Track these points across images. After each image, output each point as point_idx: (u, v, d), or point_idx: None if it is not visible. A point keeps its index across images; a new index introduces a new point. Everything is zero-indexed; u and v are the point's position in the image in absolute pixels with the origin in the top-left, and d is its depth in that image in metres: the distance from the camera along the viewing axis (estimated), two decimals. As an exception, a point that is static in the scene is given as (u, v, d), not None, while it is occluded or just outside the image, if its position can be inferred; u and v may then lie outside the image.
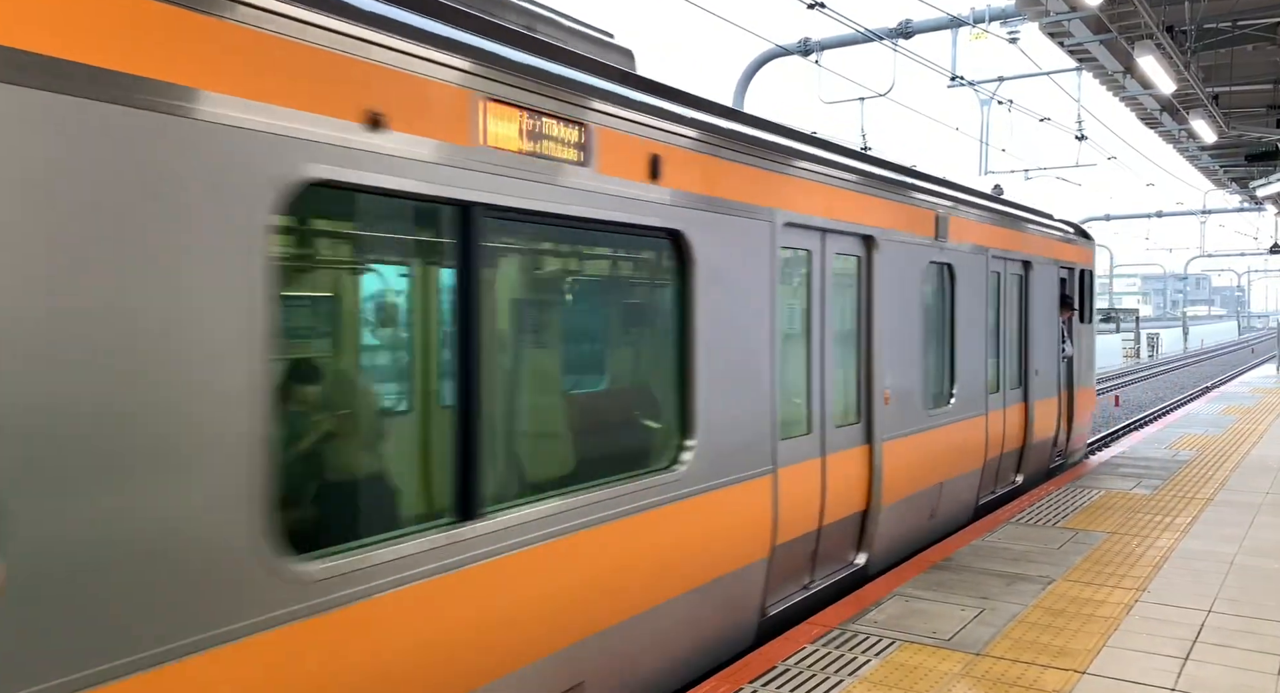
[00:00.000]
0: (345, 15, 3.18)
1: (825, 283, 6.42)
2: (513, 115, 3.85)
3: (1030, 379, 10.23)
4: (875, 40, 17.21)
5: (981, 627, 5.62)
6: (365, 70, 3.24)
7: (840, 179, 6.50)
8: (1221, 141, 20.48)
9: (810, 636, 5.47)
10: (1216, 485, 10.13)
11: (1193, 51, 13.74)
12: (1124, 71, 16.08)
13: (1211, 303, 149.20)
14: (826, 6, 13.57)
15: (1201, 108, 16.46)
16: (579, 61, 4.40)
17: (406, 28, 3.42)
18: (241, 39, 2.84)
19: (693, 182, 4.97)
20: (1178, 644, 5.35)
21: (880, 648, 5.27)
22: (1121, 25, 13.55)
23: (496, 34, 3.95)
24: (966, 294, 8.67)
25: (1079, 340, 12.01)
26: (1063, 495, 9.59)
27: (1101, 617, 5.79)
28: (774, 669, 4.96)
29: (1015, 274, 10.13)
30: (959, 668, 4.98)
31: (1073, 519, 8.49)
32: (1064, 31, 14.51)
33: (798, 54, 18.65)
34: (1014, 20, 17.21)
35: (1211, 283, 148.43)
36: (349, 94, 3.18)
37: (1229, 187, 33.59)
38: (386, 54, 3.31)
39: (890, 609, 5.94)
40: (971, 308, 8.81)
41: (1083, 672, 4.94)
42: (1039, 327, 10.50)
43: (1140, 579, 6.60)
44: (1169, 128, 20.60)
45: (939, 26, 17.86)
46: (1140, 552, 7.36)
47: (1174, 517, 8.60)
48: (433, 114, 3.49)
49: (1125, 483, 10.28)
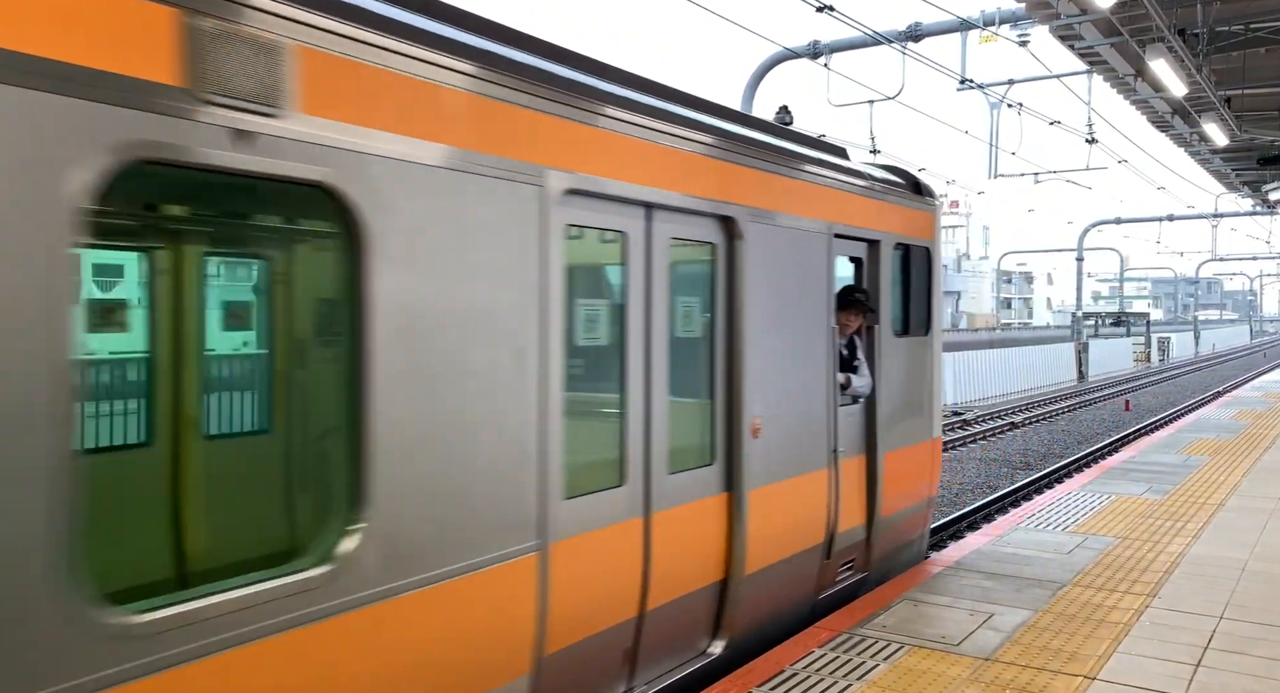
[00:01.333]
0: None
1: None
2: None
3: (741, 444, 5.33)
4: (884, 43, 17.19)
5: (990, 632, 5.59)
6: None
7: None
8: (1233, 145, 20.37)
9: (818, 640, 5.45)
10: (1228, 491, 10.07)
11: (1205, 54, 13.68)
12: (1135, 74, 16.02)
13: (1223, 307, 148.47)
14: (836, 10, 13.57)
15: (1213, 111, 16.39)
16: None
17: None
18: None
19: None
20: (1189, 651, 5.31)
21: (888, 653, 5.25)
22: (1133, 28, 13.49)
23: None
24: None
25: (893, 363, 6.99)
26: (1072, 501, 9.54)
27: (1112, 622, 5.76)
28: (781, 674, 4.94)
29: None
30: (968, 673, 4.96)
31: (1083, 524, 8.45)
32: (1074, 34, 14.46)
33: (807, 57, 18.64)
34: (1024, 23, 17.18)
35: (1223, 287, 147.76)
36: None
37: (1241, 190, 33.43)
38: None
39: (899, 613, 5.92)
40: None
41: (1093, 678, 4.91)
42: (772, 343, 5.66)
43: (1151, 585, 6.56)
44: (1180, 131, 20.51)
45: (948, 29, 17.84)
46: (1151, 557, 7.31)
47: (1185, 522, 8.55)
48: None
49: (1135, 488, 10.22)
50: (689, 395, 5.13)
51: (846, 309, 6.49)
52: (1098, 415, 27.19)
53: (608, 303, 4.72)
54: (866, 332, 6.78)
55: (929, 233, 7.68)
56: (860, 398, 6.67)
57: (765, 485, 5.43)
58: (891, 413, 6.97)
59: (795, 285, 5.78)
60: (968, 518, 13.08)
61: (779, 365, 5.59)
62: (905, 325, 7.39)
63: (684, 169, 4.78)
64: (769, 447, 5.44)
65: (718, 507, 5.15)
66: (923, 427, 7.57)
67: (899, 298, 7.35)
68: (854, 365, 6.58)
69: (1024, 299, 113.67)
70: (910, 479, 7.34)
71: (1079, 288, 49.73)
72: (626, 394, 4.55)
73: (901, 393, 7.19)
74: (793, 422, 5.73)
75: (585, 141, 4.16)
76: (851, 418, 6.55)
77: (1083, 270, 50.12)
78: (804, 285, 5.90)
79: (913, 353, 7.42)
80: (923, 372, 7.59)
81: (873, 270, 6.85)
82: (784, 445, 5.62)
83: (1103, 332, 57.23)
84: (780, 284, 5.60)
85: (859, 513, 6.62)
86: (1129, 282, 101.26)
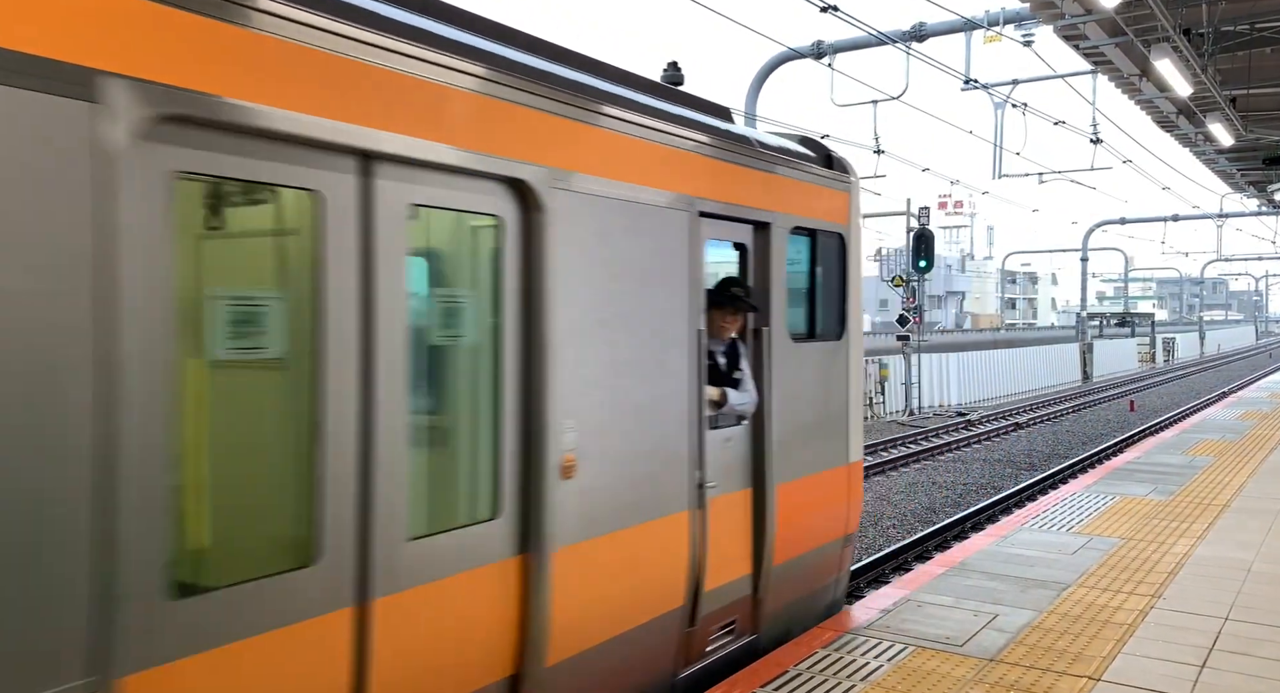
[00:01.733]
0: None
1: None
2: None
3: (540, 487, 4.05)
4: (888, 43, 17.18)
5: (995, 632, 5.58)
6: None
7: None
8: (1239, 145, 20.33)
9: (822, 640, 5.44)
10: (1233, 492, 10.04)
11: (1210, 54, 13.66)
12: (1140, 74, 15.98)
13: (1229, 307, 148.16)
14: (840, 10, 13.56)
15: (1219, 111, 16.35)
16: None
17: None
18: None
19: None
20: (1194, 652, 5.30)
21: (892, 653, 5.24)
22: (1138, 28, 13.46)
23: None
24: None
25: (792, 373, 5.70)
26: (1076, 501, 9.52)
27: (1116, 623, 5.74)
28: (785, 674, 4.94)
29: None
30: (972, 674, 4.95)
31: (1087, 525, 8.43)
32: (1079, 34, 14.43)
33: (811, 57, 18.63)
34: (1028, 23, 17.17)
35: (1229, 287, 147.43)
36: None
37: (1246, 190, 33.35)
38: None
39: (903, 614, 5.91)
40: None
41: (1098, 679, 4.90)
42: (596, 351, 4.33)
43: (1156, 586, 6.55)
44: (1185, 131, 20.47)
45: (953, 29, 17.83)
46: (1156, 558, 7.30)
47: (1190, 523, 8.53)
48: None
49: (1140, 488, 10.20)
50: (452, 426, 3.86)
51: (722, 308, 5.13)
52: (1102, 416, 27.14)
53: (282, 294, 3.19)
54: (753, 336, 5.42)
55: (843, 216, 6.25)
56: (744, 418, 5.34)
57: (585, 540, 4.08)
58: (790, 435, 5.62)
59: (635, 275, 4.37)
60: (972, 518, 13.07)
61: (608, 381, 4.22)
62: (811, 327, 6.08)
63: (430, 107, 3.41)
64: (591, 488, 4.11)
65: (505, 575, 3.78)
66: (835, 450, 6.19)
67: (805, 294, 6.05)
68: (734, 378, 5.20)
69: (1028, 299, 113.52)
70: (817, 514, 6.00)
71: (1083, 288, 49.64)
72: (321, 430, 3.07)
73: (804, 410, 5.83)
74: (632, 453, 4.38)
75: (203, 40, 2.68)
76: (731, 443, 5.23)
77: (1087, 271, 50.03)
78: (650, 276, 4.48)
79: (820, 361, 6.05)
80: (835, 383, 6.19)
81: (761, 259, 5.44)
82: (617, 485, 4.29)
83: (1107, 332, 57.20)
84: (610, 273, 4.23)
85: (740, 562, 5.30)
86: (1134, 282, 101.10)
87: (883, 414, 26.45)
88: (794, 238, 5.77)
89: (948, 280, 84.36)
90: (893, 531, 12.83)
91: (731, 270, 5.48)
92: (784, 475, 5.56)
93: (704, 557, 4.93)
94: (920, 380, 27.21)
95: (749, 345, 5.41)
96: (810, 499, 5.89)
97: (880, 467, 17.69)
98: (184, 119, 2.65)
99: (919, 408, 27.04)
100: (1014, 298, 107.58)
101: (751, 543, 5.41)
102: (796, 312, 5.94)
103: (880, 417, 26.17)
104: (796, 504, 5.68)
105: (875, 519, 13.46)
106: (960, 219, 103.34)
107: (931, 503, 14.68)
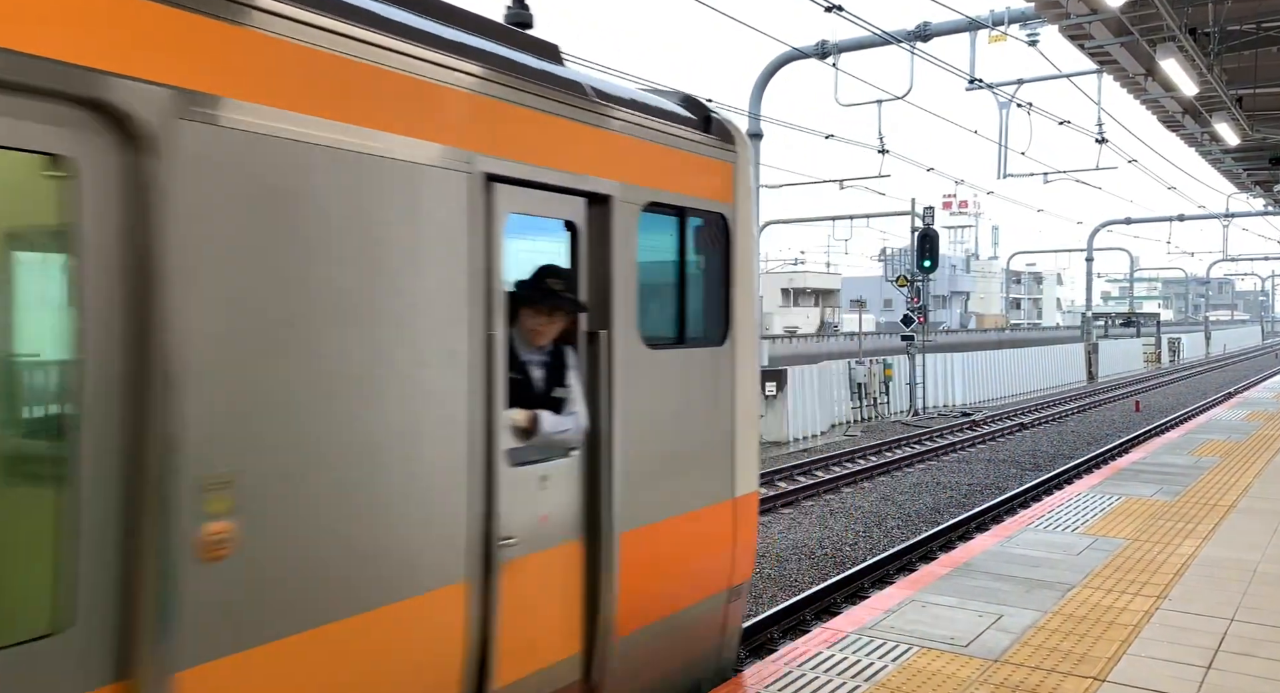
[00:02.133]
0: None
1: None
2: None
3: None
4: (893, 43, 17.16)
5: (999, 633, 5.56)
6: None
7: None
8: (1245, 144, 20.25)
9: (825, 640, 5.44)
10: (1240, 492, 10.01)
11: (1216, 53, 13.61)
12: (1145, 74, 15.93)
13: (1235, 307, 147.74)
14: (844, 9, 13.55)
15: (1224, 110, 16.30)
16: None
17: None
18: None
19: None
20: (1200, 653, 5.28)
21: (897, 654, 5.23)
22: (1143, 27, 13.43)
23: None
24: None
25: (646, 388, 4.52)
26: (1081, 502, 9.49)
27: (1122, 624, 5.73)
28: (788, 675, 4.93)
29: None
30: (976, 674, 4.94)
31: (1092, 525, 8.41)
32: (1084, 34, 14.40)
33: (815, 57, 18.62)
34: (1033, 23, 17.15)
35: (1235, 287, 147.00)
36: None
37: (1253, 190, 33.24)
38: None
39: (907, 614, 5.90)
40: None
41: (1103, 680, 4.88)
42: (280, 363, 2.93)
43: (1161, 587, 6.53)
44: (1191, 131, 20.41)
45: (957, 29, 17.81)
46: (1161, 559, 7.28)
47: (1196, 524, 8.50)
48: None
49: (1146, 489, 10.17)
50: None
51: (536, 306, 3.92)
52: (1108, 416, 27.09)
53: None
54: (589, 340, 4.19)
55: (726, 193, 5.01)
56: (571, 448, 4.09)
57: (249, 650, 2.76)
58: (644, 467, 4.39)
59: (361, 258, 3.13)
60: (976, 519, 13.05)
61: (302, 409, 2.94)
62: (679, 330, 4.81)
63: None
64: (263, 572, 2.81)
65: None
66: (714, 482, 4.97)
67: (671, 288, 4.81)
68: (554, 397, 3.99)
69: (1033, 299, 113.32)
70: (687, 564, 4.80)
71: (1089, 288, 49.55)
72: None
73: (666, 434, 4.60)
74: (348, 510, 3.08)
75: None
76: (551, 483, 3.99)
77: (1093, 271, 49.94)
78: (390, 259, 3.23)
79: (692, 372, 4.81)
80: (715, 399, 4.97)
81: (598, 242, 4.16)
82: (316, 560, 2.97)
83: (1113, 332, 57.09)
84: (307, 252, 2.96)
85: (562, 639, 4.07)
86: (1139, 282, 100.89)
87: (887, 414, 26.44)
88: (652, 217, 4.49)
89: (952, 280, 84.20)
90: (897, 531, 12.82)
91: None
92: (634, 519, 4.31)
93: (492, 641, 3.62)
94: (925, 380, 27.20)
95: (580, 354, 4.15)
96: (676, 547, 4.65)
97: (885, 467, 17.68)
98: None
99: (923, 408, 27.03)
100: (1019, 298, 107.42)
101: (583, 611, 4.15)
102: (657, 310, 4.71)
103: (885, 417, 26.15)
104: (655, 555, 4.48)
105: (880, 520, 13.45)
106: (965, 219, 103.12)
107: (936, 503, 14.66)
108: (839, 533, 12.66)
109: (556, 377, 4.04)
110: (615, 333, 4.22)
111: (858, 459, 18.47)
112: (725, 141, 5.11)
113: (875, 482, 16.46)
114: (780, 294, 66.09)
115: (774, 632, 8.55)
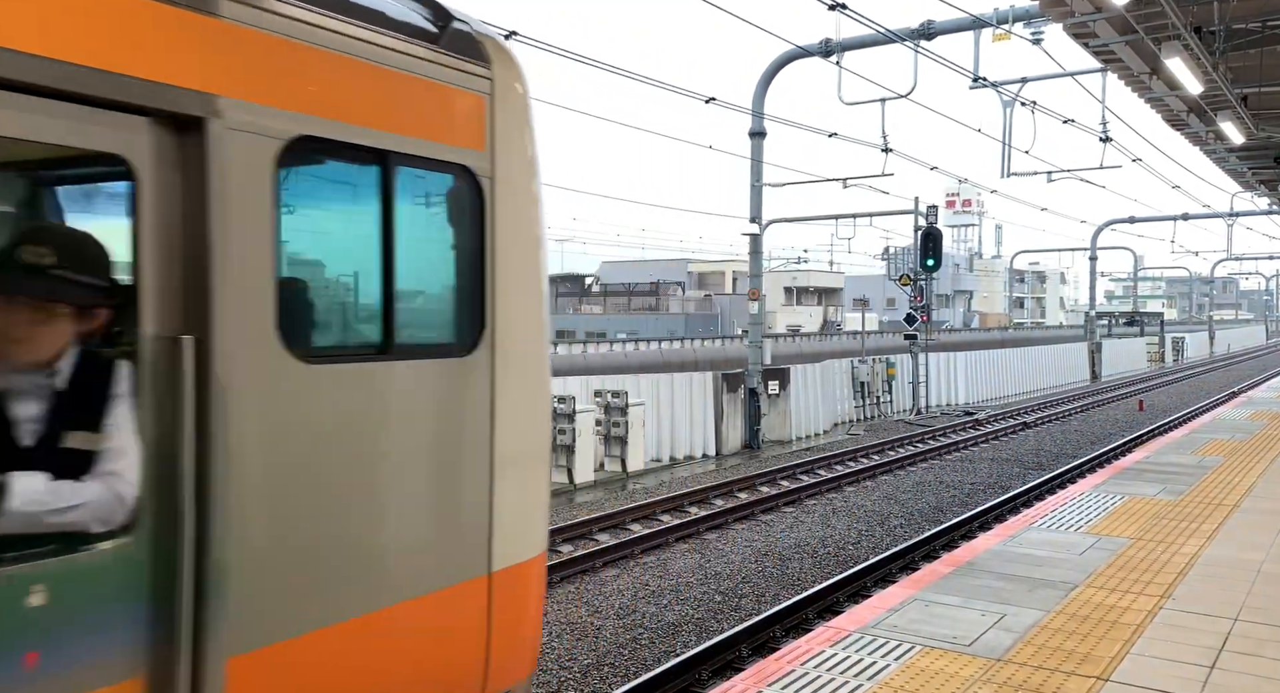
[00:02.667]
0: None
1: None
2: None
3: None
4: (897, 41, 17.13)
5: (1003, 632, 5.56)
6: None
7: None
8: (1250, 143, 20.20)
9: (828, 639, 5.43)
10: (1243, 492, 9.99)
11: (1221, 52, 13.57)
12: (1150, 72, 15.90)
13: (1239, 306, 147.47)
14: (848, 8, 13.53)
15: (1230, 109, 16.27)
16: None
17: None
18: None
19: None
20: (1203, 653, 5.27)
21: (899, 653, 5.22)
22: (1148, 26, 13.39)
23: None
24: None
25: (311, 428, 2.87)
26: (1085, 501, 9.48)
27: (1125, 624, 5.72)
28: (790, 674, 4.93)
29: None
30: (980, 674, 4.93)
31: (1096, 525, 8.40)
32: (1089, 32, 14.36)
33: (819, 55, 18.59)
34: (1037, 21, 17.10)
35: (1239, 286, 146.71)
36: None
37: (1257, 189, 33.14)
38: None
39: (910, 614, 5.89)
40: None
41: (1106, 679, 4.87)
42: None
43: (1165, 586, 6.51)
44: (1196, 129, 20.35)
45: (961, 27, 17.77)
46: (1165, 558, 7.26)
47: (1199, 523, 8.48)
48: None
49: (1149, 488, 10.15)
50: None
51: (9, 298, 2.45)
52: (1111, 416, 27.05)
53: None
54: (160, 352, 2.52)
55: (475, 137, 3.47)
56: (96, 532, 2.41)
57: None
58: (292, 545, 2.85)
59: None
60: (979, 518, 13.04)
61: None
62: (385, 333, 3.17)
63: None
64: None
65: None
66: (447, 555, 3.42)
67: (373, 270, 3.17)
68: (61, 448, 2.44)
69: (1037, 298, 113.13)
70: (389, 677, 3.18)
71: (1092, 287, 49.46)
72: None
73: (341, 495, 3.01)
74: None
75: None
76: (52, 593, 2.27)
77: (1096, 270, 49.84)
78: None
79: (404, 396, 3.23)
80: (453, 434, 3.44)
81: (185, 192, 2.56)
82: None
83: (1116, 331, 56.98)
84: None
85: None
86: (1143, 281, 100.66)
87: (890, 413, 26.42)
88: (321, 166, 3.13)
89: (955, 279, 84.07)
90: (900, 530, 12.81)
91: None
92: (267, 629, 2.76)
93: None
94: (928, 379, 27.17)
95: (144, 374, 2.50)
96: (366, 658, 3.09)
97: (887, 466, 17.67)
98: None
99: (926, 407, 27.00)
100: (1022, 297, 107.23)
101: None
102: (333, 303, 3.43)
103: (887, 415, 26.13)
104: (314, 680, 2.94)
105: (882, 518, 13.44)
106: (968, 218, 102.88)
107: (939, 502, 14.65)
108: (841, 532, 12.65)
109: (74, 414, 2.47)
110: (222, 338, 2.59)
111: (860, 458, 18.47)
112: (474, 62, 3.49)
113: (878, 480, 16.45)
114: (783, 293, 66.08)
115: (776, 630, 8.55)
